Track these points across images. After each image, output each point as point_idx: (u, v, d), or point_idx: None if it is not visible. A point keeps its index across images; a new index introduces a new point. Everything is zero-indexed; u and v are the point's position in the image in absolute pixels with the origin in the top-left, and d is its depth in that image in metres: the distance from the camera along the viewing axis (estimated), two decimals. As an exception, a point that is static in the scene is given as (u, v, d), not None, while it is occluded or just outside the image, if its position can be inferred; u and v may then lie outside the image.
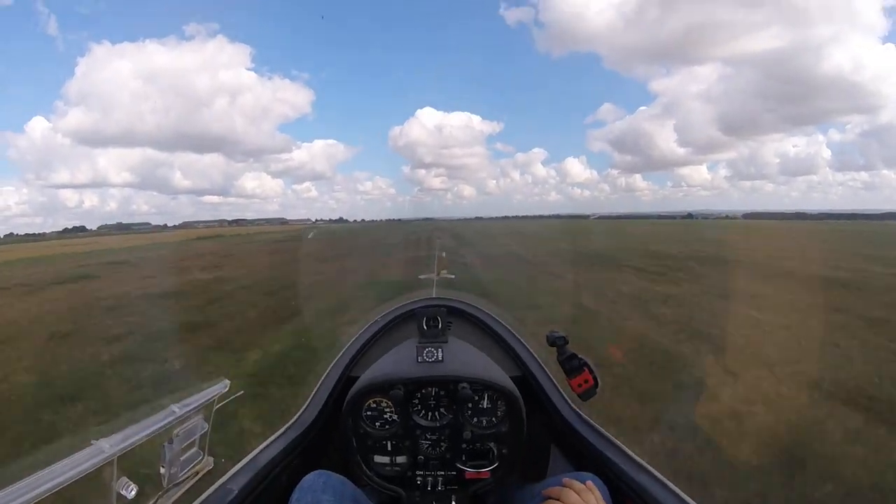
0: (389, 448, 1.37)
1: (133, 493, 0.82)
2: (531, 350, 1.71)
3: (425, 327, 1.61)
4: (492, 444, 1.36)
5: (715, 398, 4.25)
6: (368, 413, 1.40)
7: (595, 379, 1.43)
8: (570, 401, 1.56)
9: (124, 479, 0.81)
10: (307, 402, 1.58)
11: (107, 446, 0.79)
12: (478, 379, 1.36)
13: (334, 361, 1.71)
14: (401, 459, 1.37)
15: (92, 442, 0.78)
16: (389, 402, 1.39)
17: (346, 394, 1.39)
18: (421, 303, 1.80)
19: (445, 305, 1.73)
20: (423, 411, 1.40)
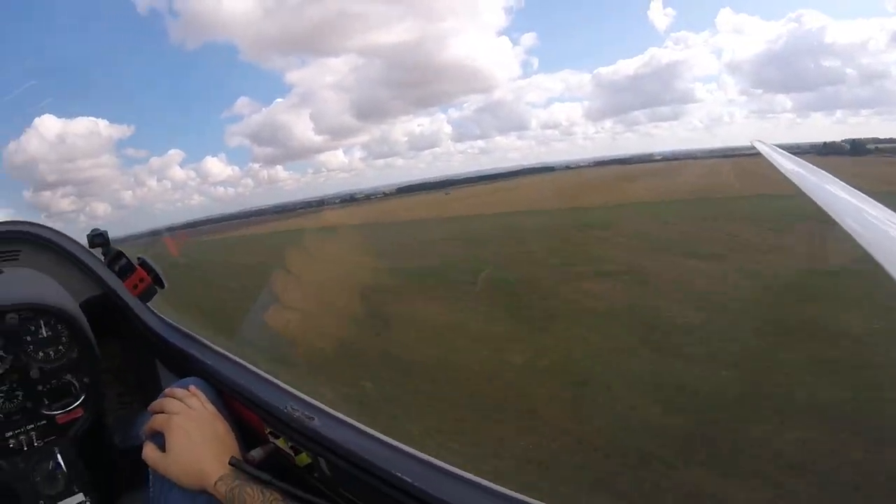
0: None
1: None
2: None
3: None
4: (69, 377, 1.18)
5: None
6: None
7: (154, 276, 1.34)
8: (160, 313, 1.50)
9: None
10: None
11: None
12: (24, 304, 1.16)
13: None
14: None
15: None
16: None
17: None
18: None
19: (7, 231, 1.51)
20: None
